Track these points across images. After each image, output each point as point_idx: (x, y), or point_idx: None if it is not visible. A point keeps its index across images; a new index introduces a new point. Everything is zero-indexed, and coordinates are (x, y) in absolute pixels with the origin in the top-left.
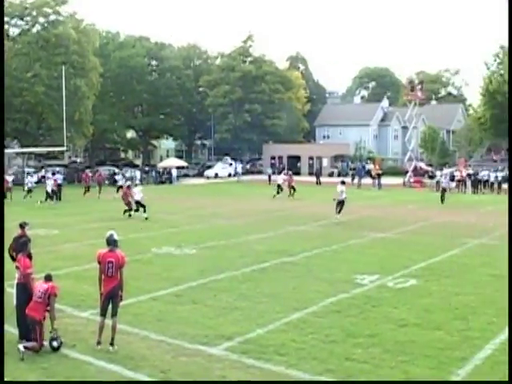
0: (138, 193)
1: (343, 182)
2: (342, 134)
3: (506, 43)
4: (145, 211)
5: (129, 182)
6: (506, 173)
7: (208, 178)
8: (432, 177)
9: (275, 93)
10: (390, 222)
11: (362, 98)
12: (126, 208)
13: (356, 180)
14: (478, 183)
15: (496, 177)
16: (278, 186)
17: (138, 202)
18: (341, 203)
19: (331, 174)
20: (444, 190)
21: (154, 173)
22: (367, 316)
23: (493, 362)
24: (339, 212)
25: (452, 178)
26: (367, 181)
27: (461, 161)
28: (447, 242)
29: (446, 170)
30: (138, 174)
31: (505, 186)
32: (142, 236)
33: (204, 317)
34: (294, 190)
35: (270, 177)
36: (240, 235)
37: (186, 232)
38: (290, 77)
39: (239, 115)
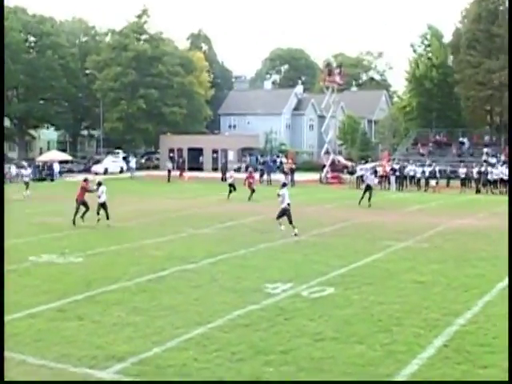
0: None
1: (284, 185)
2: (250, 123)
3: (434, 22)
4: None
5: None
6: (434, 168)
7: (96, 174)
8: (352, 172)
9: (174, 76)
10: (305, 223)
11: (274, 83)
12: None
13: (265, 176)
14: (403, 179)
15: (423, 172)
16: (230, 185)
17: None
18: (284, 212)
19: (238, 169)
20: (368, 188)
21: (32, 168)
22: (279, 330)
23: (420, 379)
24: (279, 218)
25: (374, 174)
26: (279, 177)
27: (384, 154)
28: (369, 246)
29: (368, 165)
30: (13, 169)
31: (432, 182)
32: (18, 242)
33: (92, 335)
34: (253, 191)
35: (169, 172)
36: (134, 239)
37: (70, 237)
38: (191, 58)
39: (133, 102)
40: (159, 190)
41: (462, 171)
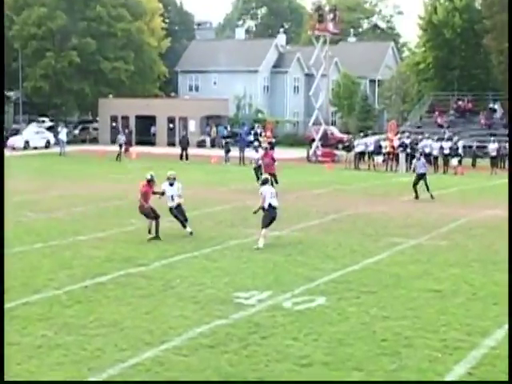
0: None
1: (265, 182)
2: (217, 84)
3: None
4: None
5: None
6: (455, 143)
7: (14, 149)
8: (348, 148)
9: (117, 21)
10: (288, 214)
11: (248, 31)
12: None
13: (239, 153)
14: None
15: (441, 148)
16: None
17: None
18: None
19: (202, 144)
20: (421, 177)
21: None
22: (254, 352)
23: None
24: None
25: (378, 150)
26: (254, 154)
27: (391, 125)
28: (370, 244)
29: (369, 139)
30: None
31: (453, 161)
32: None
33: (8, 360)
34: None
35: (121, 148)
36: (65, 235)
37: None
38: None
39: (62, 54)
40: (98, 171)
41: (493, 147)
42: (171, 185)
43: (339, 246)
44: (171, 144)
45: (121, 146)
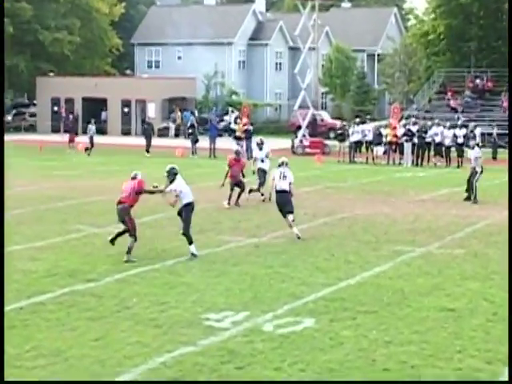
0: None
1: (280, 165)
2: (182, 59)
3: None
4: None
5: None
6: (472, 130)
7: None
8: (342, 137)
9: None
10: (270, 217)
11: None
12: None
13: (208, 143)
14: (423, 148)
15: (455, 137)
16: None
17: None
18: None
19: (164, 133)
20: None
21: None
22: None
23: None
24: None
25: (378, 140)
26: (227, 144)
27: (394, 109)
28: (369, 253)
29: (367, 126)
30: None
31: (473, 152)
32: None
33: None
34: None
35: (92, 140)
36: None
37: None
38: None
39: None
40: (37, 166)
41: None
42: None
43: (331, 256)
44: (126, 133)
45: (91, 137)
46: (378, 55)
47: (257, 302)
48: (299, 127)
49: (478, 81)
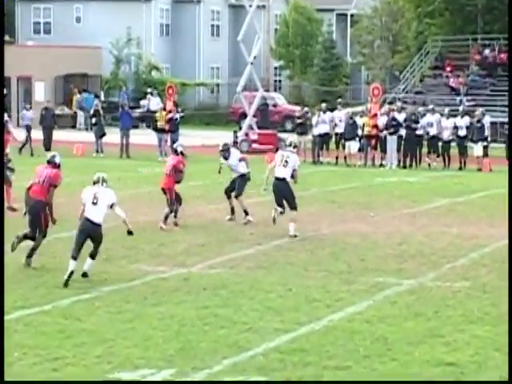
0: None
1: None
2: (82, 22)
3: None
4: None
5: None
6: (479, 119)
7: None
8: (303, 128)
9: None
10: (206, 239)
11: None
12: None
13: (120, 138)
14: (414, 144)
15: (455, 128)
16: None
17: None
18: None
19: (52, 120)
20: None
21: None
22: None
23: None
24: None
25: (352, 133)
26: (144, 138)
27: (373, 90)
28: (340, 287)
29: (338, 113)
30: None
31: (477, 149)
32: None
33: None
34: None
35: (29, 132)
36: None
37: None
38: None
39: None
40: None
41: None
42: None
43: (288, 292)
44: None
45: (28, 129)
46: (352, 16)
47: (186, 355)
48: (244, 115)
49: (486, 51)
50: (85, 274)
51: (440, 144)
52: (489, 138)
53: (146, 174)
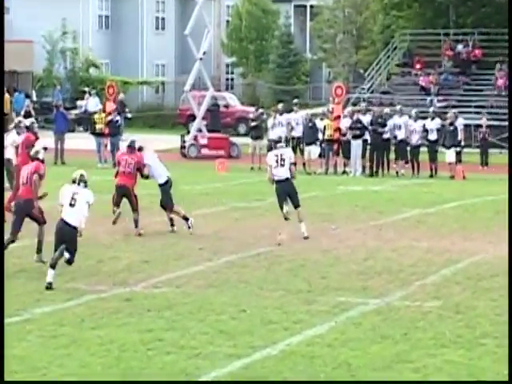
0: None
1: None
2: (11, 13)
3: None
4: None
5: None
6: (452, 122)
7: None
8: (258, 132)
9: None
10: (149, 255)
11: None
12: None
13: (54, 143)
14: (380, 149)
15: (426, 131)
16: None
17: None
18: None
19: None
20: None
21: None
22: None
23: None
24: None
25: (312, 137)
26: (81, 142)
27: (335, 89)
28: (299, 307)
29: (296, 115)
30: None
31: (449, 155)
32: None
33: None
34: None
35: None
36: None
37: None
38: None
39: None
40: None
41: None
42: None
43: (241, 313)
44: None
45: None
46: (312, 8)
47: None
48: (192, 117)
49: (459, 47)
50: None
51: (408, 149)
52: (462, 143)
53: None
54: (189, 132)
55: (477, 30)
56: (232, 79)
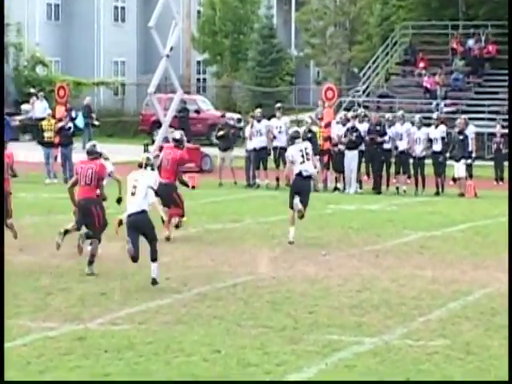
0: None
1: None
2: None
3: None
4: None
5: None
6: (461, 130)
7: None
8: (225, 142)
9: None
10: (108, 286)
11: None
12: None
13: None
14: (379, 161)
15: (430, 141)
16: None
17: None
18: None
19: None
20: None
21: None
22: None
23: None
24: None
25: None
26: (28, 153)
27: (326, 92)
28: (283, 346)
29: (279, 122)
30: None
31: (459, 169)
32: None
33: None
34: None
35: None
36: None
37: None
38: None
39: None
40: None
41: None
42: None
43: (215, 354)
44: None
45: None
46: None
47: None
48: (158, 124)
49: (470, 42)
50: (154, 281)
51: (411, 161)
52: (473, 154)
53: (30, 200)
54: (153, 141)
55: (490, 23)
56: (204, 80)
